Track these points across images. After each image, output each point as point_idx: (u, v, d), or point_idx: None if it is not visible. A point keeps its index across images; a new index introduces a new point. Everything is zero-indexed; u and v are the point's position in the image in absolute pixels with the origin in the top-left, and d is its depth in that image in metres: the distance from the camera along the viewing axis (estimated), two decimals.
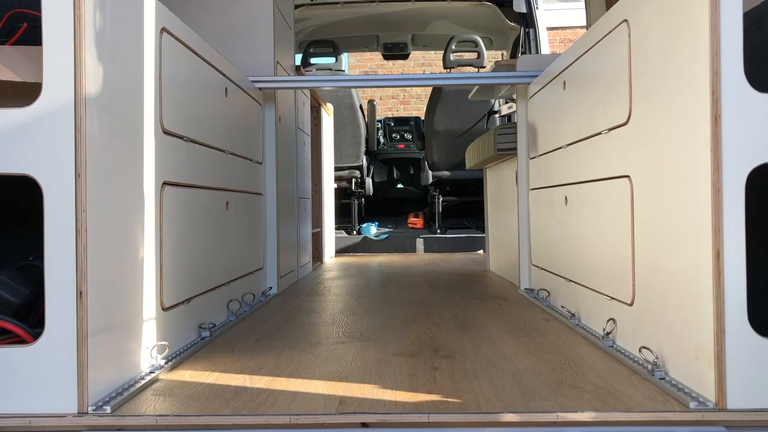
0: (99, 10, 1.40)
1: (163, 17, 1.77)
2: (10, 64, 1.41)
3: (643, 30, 1.64)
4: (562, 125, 2.41)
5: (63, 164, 1.33)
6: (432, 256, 5.41)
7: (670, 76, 1.48)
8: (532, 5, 5.47)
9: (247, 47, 3.16)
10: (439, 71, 10.67)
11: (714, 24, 1.29)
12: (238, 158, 2.59)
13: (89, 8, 1.36)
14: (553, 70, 2.53)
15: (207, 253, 2.17)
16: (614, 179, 1.85)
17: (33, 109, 1.34)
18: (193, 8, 3.16)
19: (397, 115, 11.30)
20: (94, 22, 1.38)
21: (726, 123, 1.29)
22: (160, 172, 1.75)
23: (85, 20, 1.34)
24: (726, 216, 1.29)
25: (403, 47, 6.75)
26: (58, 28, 1.34)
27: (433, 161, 6.09)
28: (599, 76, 1.99)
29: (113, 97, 1.47)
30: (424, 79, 3.49)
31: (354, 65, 11.74)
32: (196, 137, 2.04)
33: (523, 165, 3.06)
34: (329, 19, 5.96)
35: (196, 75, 2.09)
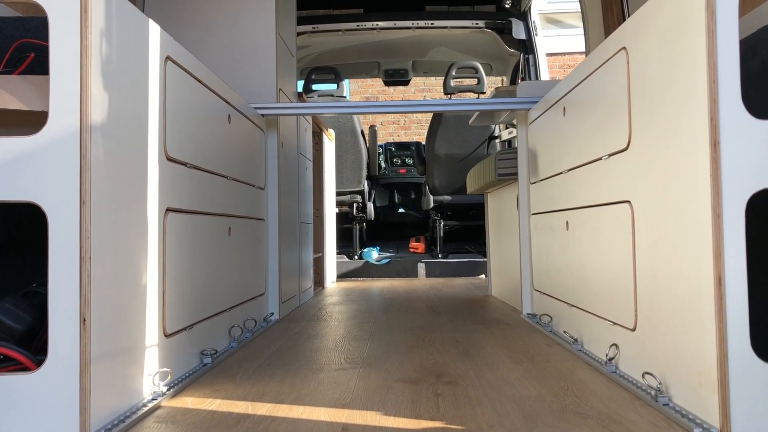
0: (105, 39, 1.42)
1: (167, 46, 1.80)
2: (17, 93, 1.43)
3: (641, 57, 1.66)
4: (563, 150, 2.42)
5: (68, 192, 1.34)
6: (434, 281, 5.40)
7: (669, 102, 1.50)
8: (531, 32, 5.53)
9: (250, 74, 3.20)
10: (439, 97, 10.75)
11: (711, 52, 1.31)
12: (241, 184, 2.60)
13: (96, 38, 1.38)
14: (553, 96, 2.56)
15: (209, 279, 2.18)
16: (615, 204, 1.86)
17: (39, 137, 1.35)
18: (198, 36, 3.21)
19: (398, 140, 11.37)
20: (101, 51, 1.40)
21: (725, 149, 1.30)
22: (164, 198, 1.76)
23: (91, 50, 1.37)
24: (727, 241, 1.30)
25: (404, 74, 6.82)
26: (65, 58, 1.36)
27: (434, 186, 6.12)
28: (599, 102, 2.01)
29: (118, 125, 1.49)
30: (425, 105, 3.52)
31: (355, 91, 11.83)
32: (199, 164, 2.06)
33: (524, 190, 3.07)
34: (331, 46, 6.03)
35: (199, 102, 2.11)
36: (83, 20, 1.36)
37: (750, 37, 1.65)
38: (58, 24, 1.36)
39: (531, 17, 5.58)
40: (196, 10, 3.24)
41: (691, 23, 1.37)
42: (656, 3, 1.56)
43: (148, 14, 3.22)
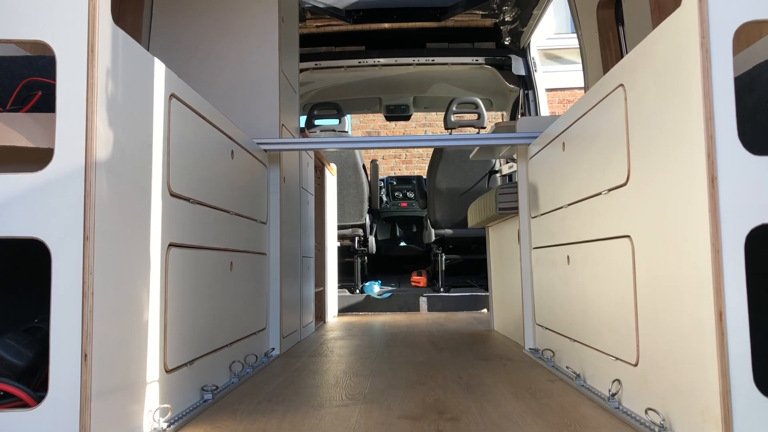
0: (111, 78, 1.45)
1: (172, 84, 1.83)
2: (23, 131, 1.45)
3: (638, 94, 1.69)
4: (563, 185, 2.44)
5: (72, 227, 1.35)
6: (435, 315, 5.38)
7: (667, 138, 1.51)
8: (530, 68, 5.60)
9: (253, 110, 3.24)
10: (440, 131, 10.84)
11: (707, 89, 1.33)
12: (243, 219, 2.62)
13: (102, 77, 1.41)
14: (553, 131, 2.58)
15: (211, 314, 2.18)
16: (615, 239, 1.86)
17: (44, 173, 1.37)
18: (202, 73, 3.25)
19: (400, 173, 11.43)
20: (106, 89, 1.43)
21: (723, 185, 1.32)
22: (167, 233, 1.77)
23: (97, 88, 1.39)
24: (727, 276, 1.30)
25: (405, 109, 6.89)
26: (72, 96, 1.38)
27: (435, 219, 6.13)
28: (598, 137, 2.03)
29: (122, 161, 1.51)
30: (426, 140, 3.55)
31: (357, 126, 11.93)
32: (202, 199, 2.08)
33: (525, 224, 3.08)
34: (333, 82, 6.10)
35: (203, 138, 2.13)
36: (90, 59, 1.39)
37: (745, 74, 1.68)
38: (66, 63, 1.39)
39: (530, 54, 5.66)
40: (201, 47, 3.29)
41: (687, 61, 1.40)
42: (652, 41, 1.59)
43: (153, 52, 3.27)
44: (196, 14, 3.32)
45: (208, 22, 3.32)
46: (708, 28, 1.35)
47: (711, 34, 1.35)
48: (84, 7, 1.41)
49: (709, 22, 1.35)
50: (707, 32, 1.35)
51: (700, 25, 1.35)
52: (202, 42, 3.30)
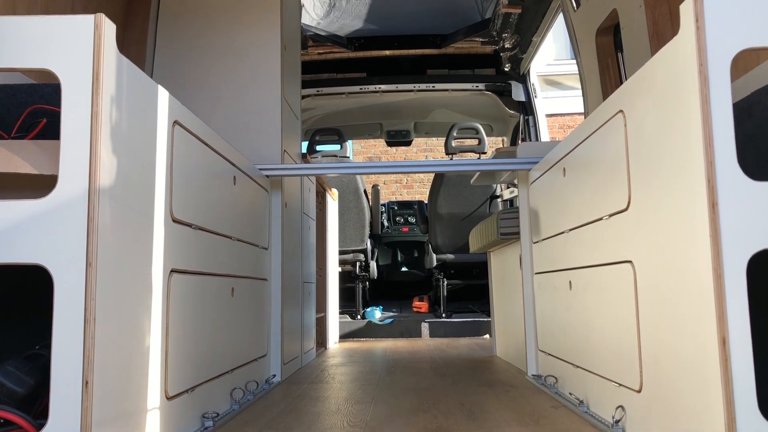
0: (115, 105, 1.47)
1: (175, 111, 1.85)
2: (28, 158, 1.46)
3: (638, 120, 1.70)
4: (564, 210, 2.45)
5: (74, 254, 1.36)
6: (437, 341, 5.35)
7: (667, 164, 1.52)
8: (530, 94, 5.65)
9: (255, 136, 3.26)
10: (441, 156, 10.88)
11: (705, 115, 1.35)
12: (245, 244, 2.62)
13: (106, 104, 1.42)
14: (553, 157, 2.60)
15: (212, 340, 2.17)
16: (617, 264, 1.86)
17: (48, 200, 1.38)
18: (205, 99, 3.28)
19: (401, 198, 11.45)
20: (111, 116, 1.44)
21: (723, 210, 1.32)
22: (168, 259, 1.78)
23: (101, 115, 1.41)
24: (729, 302, 1.30)
25: (406, 134, 6.93)
26: (76, 123, 1.40)
27: (437, 244, 6.13)
28: (598, 163, 2.04)
29: (125, 188, 1.52)
30: (427, 165, 3.57)
31: (358, 151, 11.99)
32: (204, 225, 2.08)
33: (527, 249, 3.08)
34: (334, 108, 6.15)
35: (205, 164, 2.15)
36: (95, 87, 1.41)
37: (744, 100, 1.69)
38: (71, 91, 1.41)
39: (530, 80, 5.71)
40: (204, 74, 3.32)
41: (685, 88, 1.41)
42: (651, 68, 1.61)
43: (156, 79, 3.31)
44: (200, 42, 3.36)
45: (212, 49, 3.35)
46: (706, 56, 1.36)
47: (709, 61, 1.36)
48: (89, 36, 1.43)
49: (706, 49, 1.36)
50: (705, 59, 1.36)
51: (698, 52, 1.36)
52: (205, 69, 3.33)
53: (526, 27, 5.16)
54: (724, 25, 1.38)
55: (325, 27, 5.49)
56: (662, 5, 3.03)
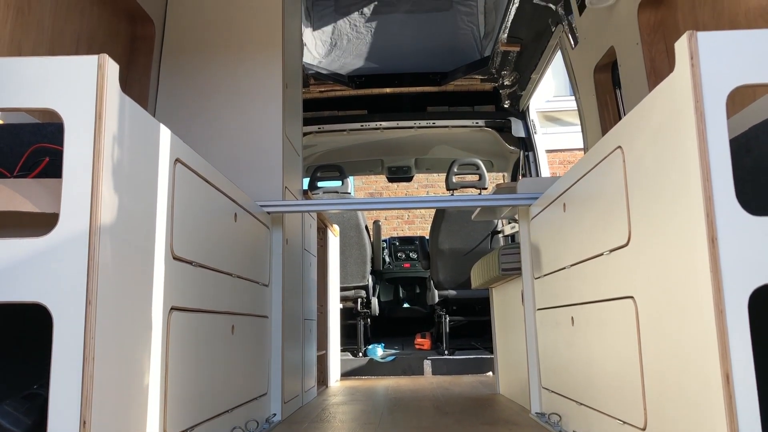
0: (117, 144, 1.48)
1: (177, 149, 1.86)
2: (30, 196, 1.47)
3: (636, 156, 1.71)
4: (565, 246, 2.44)
5: (75, 292, 1.35)
6: (440, 379, 5.29)
7: (666, 199, 1.53)
8: (530, 130, 5.69)
9: (257, 173, 3.28)
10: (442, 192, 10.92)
11: (702, 151, 1.36)
12: (246, 281, 2.62)
13: (108, 143, 1.44)
14: (553, 192, 2.61)
15: (212, 378, 2.15)
16: (618, 300, 1.86)
17: (49, 238, 1.38)
18: (207, 137, 3.31)
19: (402, 234, 11.45)
20: (113, 155, 1.46)
21: (723, 245, 1.32)
22: (169, 297, 1.77)
23: (103, 154, 1.42)
24: (731, 337, 1.29)
25: (407, 170, 6.96)
26: (78, 162, 1.41)
27: (438, 280, 6.10)
28: (598, 198, 2.05)
29: (127, 226, 1.52)
30: (428, 201, 3.57)
31: (360, 187, 12.04)
32: (205, 262, 2.08)
33: (528, 285, 3.07)
34: (336, 145, 6.19)
35: (206, 202, 2.16)
36: (97, 126, 1.43)
37: (741, 136, 1.70)
38: (74, 130, 1.42)
39: (529, 116, 5.76)
40: (207, 112, 3.36)
41: (682, 124, 1.42)
42: (648, 104, 1.63)
43: (159, 116, 3.35)
44: (203, 80, 3.41)
45: (214, 87, 3.40)
46: (701, 92, 1.38)
47: (704, 98, 1.38)
48: (92, 76, 1.45)
49: (701, 86, 1.38)
50: (701, 96, 1.38)
51: (694, 89, 1.38)
52: (207, 106, 3.37)
53: (524, 65, 5.22)
54: (719, 63, 1.40)
55: (327, 65, 5.56)
56: (659, 43, 3.08)
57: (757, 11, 2.29)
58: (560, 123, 11.19)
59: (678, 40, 1.43)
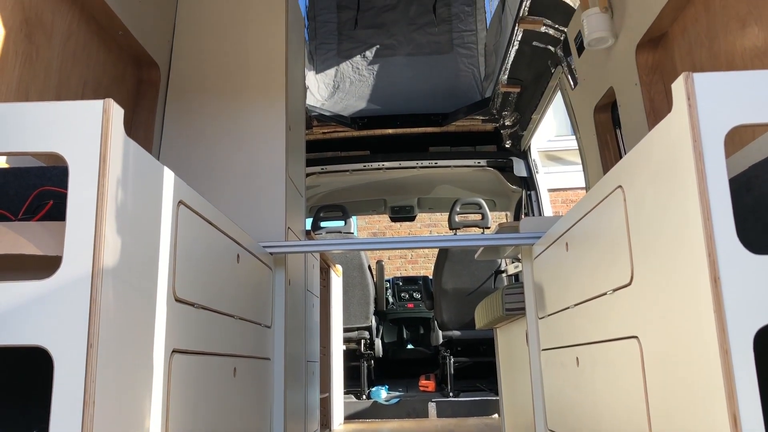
0: (121, 187, 1.49)
1: (180, 191, 1.88)
2: (33, 239, 1.48)
3: (637, 196, 1.72)
4: (568, 285, 2.44)
5: (76, 335, 1.35)
6: (445, 422, 5.22)
7: (667, 239, 1.53)
8: (532, 169, 5.73)
9: (259, 214, 3.29)
10: (445, 231, 10.92)
11: (702, 190, 1.36)
12: (248, 323, 2.60)
13: (112, 186, 1.45)
14: (555, 231, 2.61)
15: (213, 422, 2.12)
16: (622, 340, 1.84)
17: (51, 281, 1.38)
18: (210, 178, 3.34)
19: (406, 274, 11.42)
20: (116, 198, 1.47)
21: (726, 285, 1.32)
22: (170, 339, 1.76)
23: (107, 197, 1.43)
24: (738, 378, 1.28)
25: (410, 210, 6.99)
26: (82, 205, 1.42)
27: (442, 321, 6.07)
28: (600, 238, 2.05)
29: (129, 268, 1.53)
30: (431, 241, 3.57)
31: (362, 227, 12.06)
32: (207, 304, 2.08)
33: (533, 325, 3.05)
34: (339, 185, 6.23)
35: (209, 243, 2.16)
36: (101, 169, 1.44)
37: (741, 175, 1.71)
38: (78, 173, 1.44)
39: (531, 155, 5.80)
40: (211, 153, 3.40)
41: (681, 163, 1.43)
42: (647, 144, 1.64)
43: (163, 158, 3.38)
44: (207, 122, 3.45)
45: (218, 129, 3.44)
46: (699, 132, 1.39)
47: (702, 138, 1.39)
48: (98, 120, 1.47)
49: (699, 126, 1.39)
50: (699, 136, 1.39)
51: (691, 129, 1.39)
52: (211, 148, 3.40)
53: (525, 105, 5.28)
54: (716, 103, 1.41)
55: (330, 107, 5.63)
56: (657, 83, 3.12)
57: (753, 52, 2.32)
58: (562, 162, 11.25)
59: (675, 81, 1.45)
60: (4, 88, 2.29)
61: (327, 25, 5.75)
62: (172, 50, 3.61)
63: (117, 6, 2.92)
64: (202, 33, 3.64)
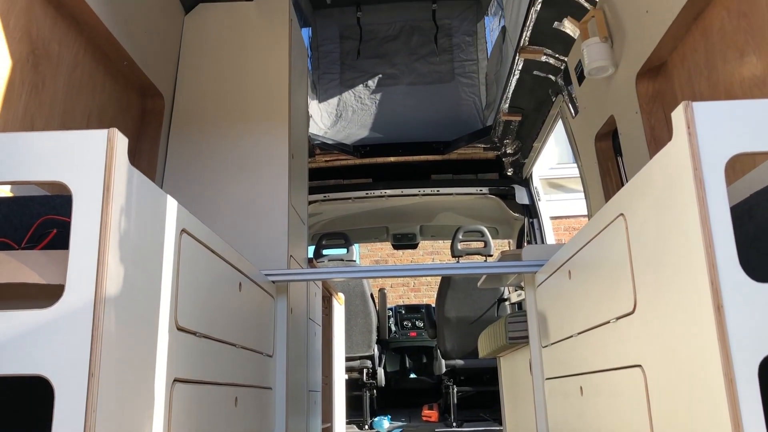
0: (125, 215, 1.50)
1: (183, 220, 1.88)
2: (36, 268, 1.48)
3: (639, 224, 1.72)
4: (571, 314, 2.43)
5: (77, 364, 1.34)
6: None
7: (670, 267, 1.53)
8: (534, 197, 5.73)
9: (262, 242, 3.29)
10: (447, 259, 10.90)
11: (704, 218, 1.36)
12: (249, 352, 2.59)
13: (116, 214, 1.46)
14: (558, 259, 2.60)
15: None
16: (626, 369, 1.83)
17: (53, 310, 1.38)
18: (213, 206, 3.35)
19: (408, 302, 11.37)
20: (120, 226, 1.47)
21: (729, 313, 1.31)
22: (172, 368, 1.76)
23: (111, 225, 1.43)
24: (743, 407, 1.27)
25: (412, 237, 6.98)
26: (86, 233, 1.42)
27: (445, 350, 6.02)
28: (602, 266, 2.05)
29: (131, 297, 1.52)
30: (433, 269, 3.56)
31: (365, 255, 12.04)
32: (208, 332, 2.07)
33: (536, 354, 3.03)
34: (341, 213, 6.24)
35: (212, 272, 2.16)
36: (105, 198, 1.45)
37: (743, 203, 1.72)
38: (82, 202, 1.44)
39: (533, 183, 5.81)
40: (214, 181, 3.41)
41: (683, 192, 1.44)
42: (648, 172, 1.64)
43: (167, 185, 3.39)
44: (211, 151, 3.47)
45: (222, 158, 3.46)
46: (700, 161, 1.40)
47: (703, 166, 1.40)
48: (102, 150, 1.48)
49: (700, 155, 1.40)
50: (699, 164, 1.40)
51: (692, 157, 1.40)
52: (215, 176, 3.42)
53: (526, 133, 5.31)
54: (716, 132, 1.42)
55: (332, 136, 5.67)
56: (657, 111, 3.14)
57: (752, 81, 2.34)
58: (564, 190, 11.27)
59: (674, 110, 1.46)
60: (11, 117, 2.31)
61: (330, 55, 5.82)
62: (177, 80, 3.65)
63: (123, 37, 2.96)
64: (206, 63, 3.68)
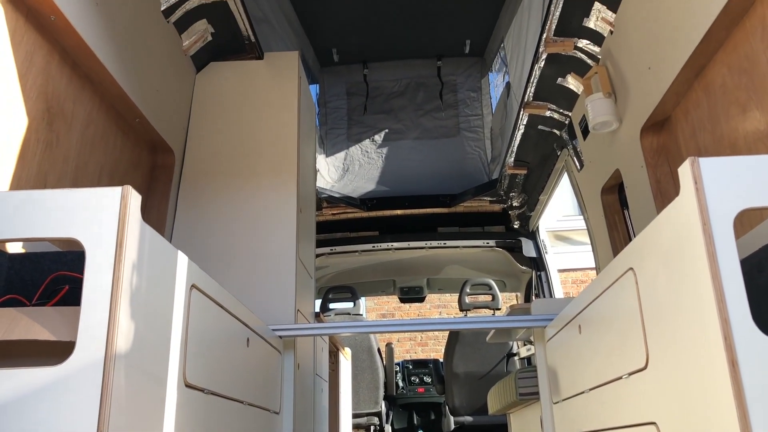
0: (137, 271, 1.51)
1: (193, 275, 1.89)
2: (47, 324, 1.49)
3: (649, 278, 1.71)
4: (583, 369, 2.39)
5: (87, 422, 1.33)
6: None
7: (682, 321, 1.52)
8: (541, 250, 5.72)
9: (269, 296, 3.29)
10: (455, 312, 10.81)
11: (714, 273, 1.36)
12: (256, 409, 2.56)
13: (128, 271, 1.47)
14: (568, 314, 2.59)
15: None
16: (640, 426, 1.79)
17: (63, 367, 1.38)
18: (222, 260, 3.36)
19: (416, 356, 11.23)
20: (131, 283, 1.48)
21: (744, 368, 1.29)
22: (180, 427, 1.73)
23: (122, 282, 1.44)
24: None
25: (419, 291, 6.95)
26: (97, 290, 1.43)
27: (454, 406, 5.92)
28: (613, 321, 2.03)
29: (141, 353, 1.52)
30: (441, 323, 3.55)
31: (371, 308, 11.96)
32: (216, 389, 2.05)
33: (547, 410, 2.98)
34: (348, 266, 6.23)
35: (220, 327, 2.15)
36: (117, 255, 1.46)
37: (753, 256, 1.71)
38: (94, 258, 1.45)
39: (540, 236, 5.81)
40: (222, 235, 3.43)
41: (692, 246, 1.44)
42: (657, 227, 1.65)
43: (176, 241, 3.41)
44: (219, 205, 3.50)
45: (230, 212, 3.48)
46: (708, 215, 1.40)
47: (711, 221, 1.40)
48: (115, 207, 1.50)
49: (708, 210, 1.41)
50: (707, 219, 1.40)
51: (700, 213, 1.41)
52: (223, 230, 3.44)
53: (532, 187, 5.34)
54: (723, 187, 1.43)
55: (339, 189, 5.72)
56: (663, 165, 3.16)
57: (756, 135, 2.37)
58: (571, 242, 11.25)
59: (681, 166, 1.48)
60: (25, 175, 2.35)
61: (337, 111, 5.92)
62: (187, 136, 3.71)
63: (135, 95, 3.02)
64: (216, 119, 3.75)
